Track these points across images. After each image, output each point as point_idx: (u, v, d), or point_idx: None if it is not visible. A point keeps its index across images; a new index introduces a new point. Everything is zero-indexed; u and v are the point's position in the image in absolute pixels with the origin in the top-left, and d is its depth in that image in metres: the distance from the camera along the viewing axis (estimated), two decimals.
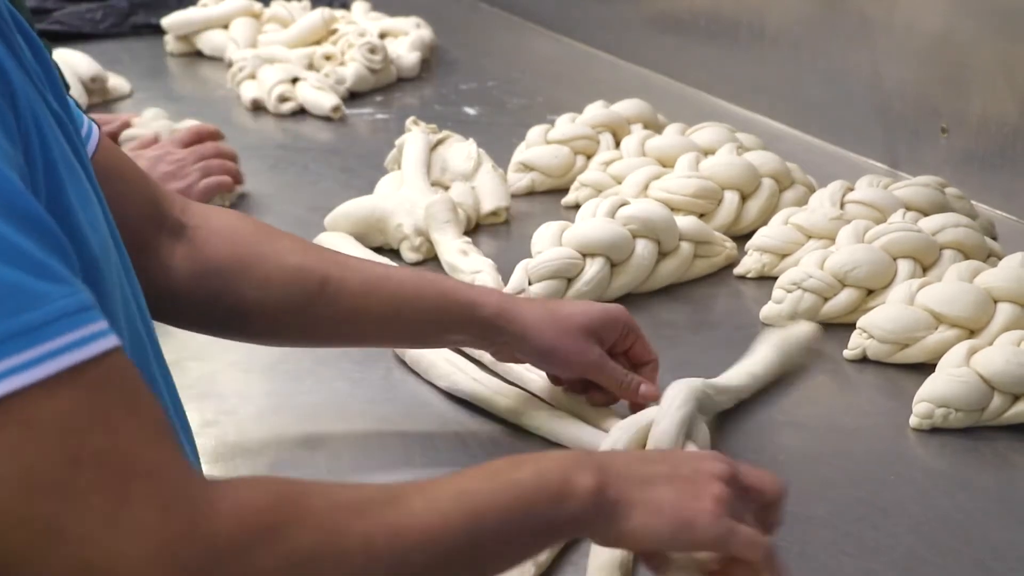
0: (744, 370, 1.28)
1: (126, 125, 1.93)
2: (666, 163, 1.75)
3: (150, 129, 1.88)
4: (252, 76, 2.28)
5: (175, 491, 0.70)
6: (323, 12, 2.48)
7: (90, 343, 0.70)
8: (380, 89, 2.35)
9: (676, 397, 1.15)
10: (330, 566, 0.73)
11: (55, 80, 0.93)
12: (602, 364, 1.19)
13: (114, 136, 1.90)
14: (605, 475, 0.83)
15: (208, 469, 1.16)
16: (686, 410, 1.14)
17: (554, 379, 1.25)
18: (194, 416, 1.23)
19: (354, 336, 1.20)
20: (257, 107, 2.22)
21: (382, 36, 2.47)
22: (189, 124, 1.90)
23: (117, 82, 2.29)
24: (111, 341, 0.71)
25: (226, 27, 2.53)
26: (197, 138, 1.81)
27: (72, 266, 0.73)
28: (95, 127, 1.07)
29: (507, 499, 0.80)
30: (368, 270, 1.18)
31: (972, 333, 1.34)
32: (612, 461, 0.85)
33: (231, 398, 1.30)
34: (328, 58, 2.36)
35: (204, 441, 1.20)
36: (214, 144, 1.81)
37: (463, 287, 1.22)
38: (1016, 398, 1.25)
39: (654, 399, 1.19)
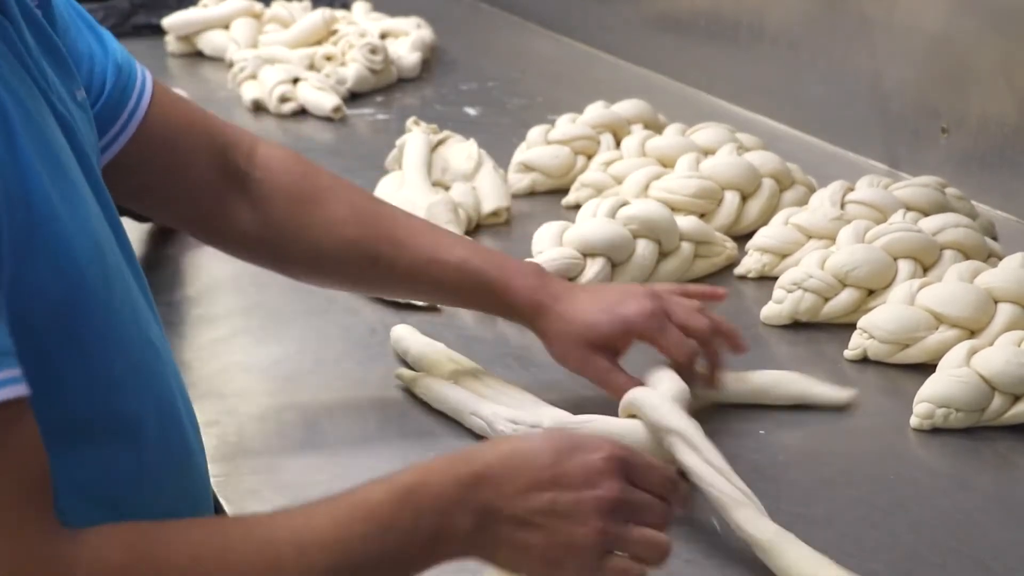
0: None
1: None
2: (666, 163, 1.75)
3: None
4: (253, 76, 2.28)
5: (33, 551, 0.71)
6: (324, 12, 2.48)
7: None
8: (381, 89, 2.35)
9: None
10: None
11: (70, 74, 0.93)
12: (602, 378, 1.21)
13: None
14: (483, 516, 0.83)
15: (210, 469, 1.16)
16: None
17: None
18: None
19: (397, 301, 1.38)
20: (258, 107, 2.22)
21: (383, 36, 2.47)
22: None
23: None
24: (15, 390, 0.71)
25: (227, 27, 2.53)
26: None
27: None
28: (148, 80, 1.10)
29: (379, 546, 0.80)
30: (417, 251, 1.22)
31: (972, 333, 1.34)
32: (495, 494, 0.84)
33: (232, 398, 1.30)
34: (329, 58, 2.36)
35: (206, 441, 1.20)
36: None
37: (502, 277, 1.22)
38: (1016, 398, 1.25)
39: None
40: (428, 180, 1.71)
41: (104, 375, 0.83)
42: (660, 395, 1.14)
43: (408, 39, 2.49)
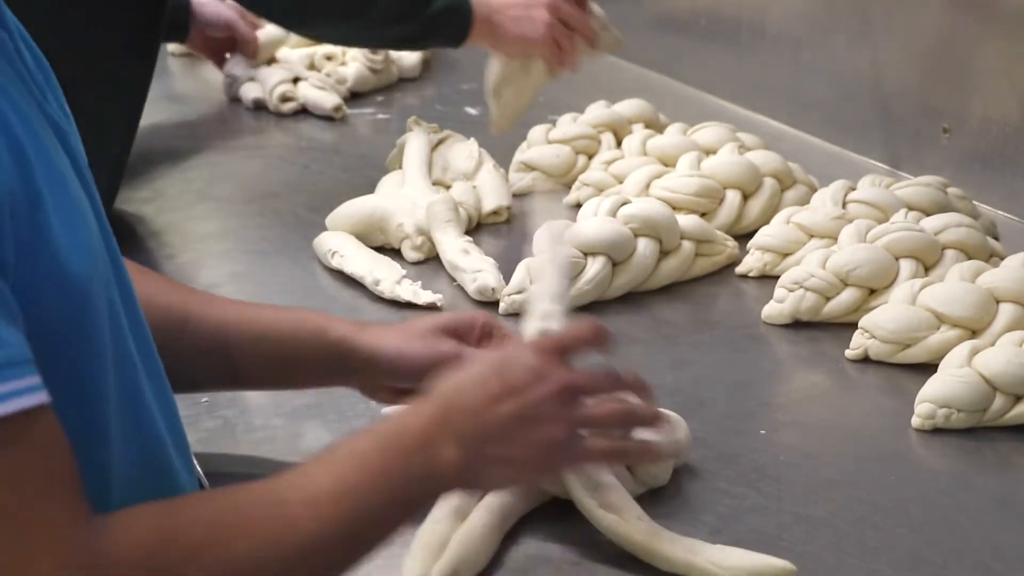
0: None
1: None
2: (668, 162, 1.75)
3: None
4: (251, 79, 2.28)
5: (74, 546, 0.74)
6: None
7: (12, 399, 0.72)
8: (381, 89, 2.35)
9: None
10: None
11: (55, 86, 0.92)
12: (458, 353, 1.09)
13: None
14: (464, 442, 0.89)
15: (210, 469, 1.15)
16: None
17: None
18: (195, 418, 1.23)
19: (214, 372, 1.14)
20: (259, 107, 2.22)
21: None
22: None
23: None
24: (37, 398, 0.73)
25: None
26: None
27: (11, 316, 0.73)
28: None
29: (382, 492, 0.86)
30: (228, 304, 1.16)
31: (974, 333, 1.34)
32: (464, 419, 0.90)
33: (231, 400, 1.30)
34: (329, 58, 2.35)
35: (205, 443, 1.20)
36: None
37: (318, 317, 1.16)
38: (1018, 399, 1.24)
39: None
40: (428, 179, 1.71)
41: (82, 396, 0.82)
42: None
43: None
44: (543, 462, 0.95)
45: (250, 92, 2.23)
